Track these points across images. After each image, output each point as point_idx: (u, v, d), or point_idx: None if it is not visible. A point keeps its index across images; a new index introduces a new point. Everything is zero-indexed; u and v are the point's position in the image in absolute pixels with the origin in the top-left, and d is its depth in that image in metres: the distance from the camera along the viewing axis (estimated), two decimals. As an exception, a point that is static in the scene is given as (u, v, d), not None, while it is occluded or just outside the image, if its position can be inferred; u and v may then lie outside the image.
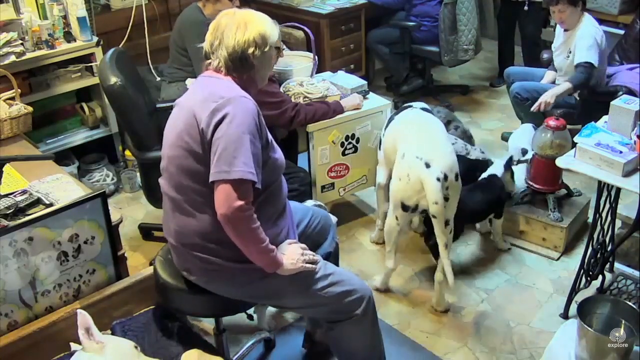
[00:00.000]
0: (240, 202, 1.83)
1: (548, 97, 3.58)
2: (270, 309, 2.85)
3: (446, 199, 2.68)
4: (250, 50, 1.96)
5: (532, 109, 3.65)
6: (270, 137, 2.02)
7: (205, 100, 1.91)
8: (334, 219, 2.73)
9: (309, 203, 2.61)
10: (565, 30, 3.75)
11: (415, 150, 2.71)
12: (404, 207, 2.74)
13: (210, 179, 1.86)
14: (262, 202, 1.98)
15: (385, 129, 3.06)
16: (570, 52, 3.73)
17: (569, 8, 3.62)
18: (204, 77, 2.04)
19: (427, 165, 2.65)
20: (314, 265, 2.05)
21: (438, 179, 2.62)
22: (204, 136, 1.88)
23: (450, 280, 2.70)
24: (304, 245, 2.08)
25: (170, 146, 1.99)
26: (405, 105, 3.10)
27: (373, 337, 2.23)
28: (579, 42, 3.64)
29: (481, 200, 3.14)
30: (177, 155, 1.95)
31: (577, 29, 3.68)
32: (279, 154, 2.07)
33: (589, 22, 3.68)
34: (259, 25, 1.99)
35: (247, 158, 1.84)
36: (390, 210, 2.82)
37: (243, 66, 1.98)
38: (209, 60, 2.01)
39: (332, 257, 2.41)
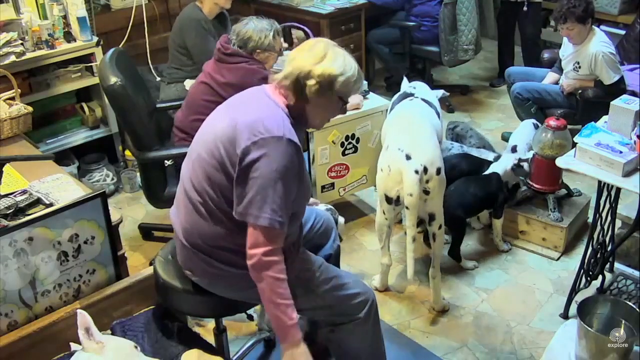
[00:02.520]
0: (266, 248, 1.82)
1: (567, 86, 3.71)
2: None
3: (427, 192, 2.68)
4: (333, 83, 1.89)
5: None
6: (305, 172, 1.98)
7: (252, 126, 1.84)
8: (341, 219, 2.74)
9: (322, 207, 2.62)
10: (574, 44, 3.74)
11: (398, 142, 2.73)
12: (388, 200, 2.75)
13: (238, 217, 1.85)
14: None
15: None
16: (579, 66, 3.72)
17: (578, 26, 3.60)
18: (263, 94, 1.96)
19: (408, 157, 2.66)
20: None
21: (416, 172, 2.63)
22: (239, 161, 1.83)
23: (409, 272, 2.76)
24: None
25: (205, 145, 1.93)
26: (408, 92, 3.07)
27: (374, 340, 2.22)
28: (598, 68, 3.61)
29: (471, 193, 3.13)
30: (208, 161, 1.91)
31: (587, 44, 3.65)
32: (306, 185, 2.00)
33: (599, 40, 3.64)
34: (332, 64, 1.90)
35: (277, 205, 1.81)
36: (378, 205, 2.84)
37: (322, 95, 1.91)
38: (280, 77, 1.93)
39: (333, 259, 2.40)
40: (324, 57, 1.89)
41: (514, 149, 3.48)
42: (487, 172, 3.27)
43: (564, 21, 3.61)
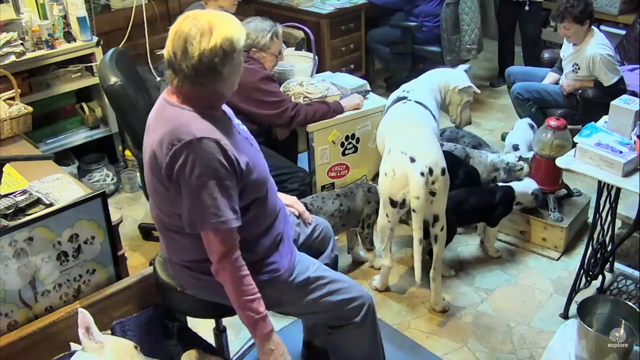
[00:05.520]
0: (219, 253, 1.81)
1: (567, 85, 3.71)
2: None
3: (433, 193, 2.68)
4: (217, 59, 1.76)
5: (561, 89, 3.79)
6: (246, 159, 1.85)
7: (164, 141, 1.78)
8: None
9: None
10: (574, 44, 3.74)
11: (401, 145, 2.72)
12: (392, 203, 2.74)
13: (188, 231, 1.82)
14: (252, 217, 1.93)
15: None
16: (578, 67, 3.72)
17: (575, 26, 3.60)
18: (165, 103, 1.87)
19: (412, 160, 2.65)
20: None
21: (422, 174, 2.62)
22: (167, 178, 1.79)
23: (417, 276, 2.75)
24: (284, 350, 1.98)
25: (146, 172, 1.91)
26: (401, 95, 3.02)
27: (372, 344, 2.22)
28: (597, 70, 3.61)
29: (468, 204, 3.10)
30: (151, 181, 1.89)
31: (585, 46, 3.65)
32: (257, 171, 1.91)
33: (596, 42, 3.64)
34: (226, 29, 1.77)
35: (215, 206, 1.76)
36: (381, 208, 2.83)
37: (210, 78, 1.80)
38: (171, 74, 1.83)
39: (331, 267, 2.40)
40: (211, 29, 1.75)
41: (515, 148, 3.48)
42: (501, 184, 3.24)
43: (561, 20, 3.62)
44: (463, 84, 3.08)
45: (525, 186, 3.22)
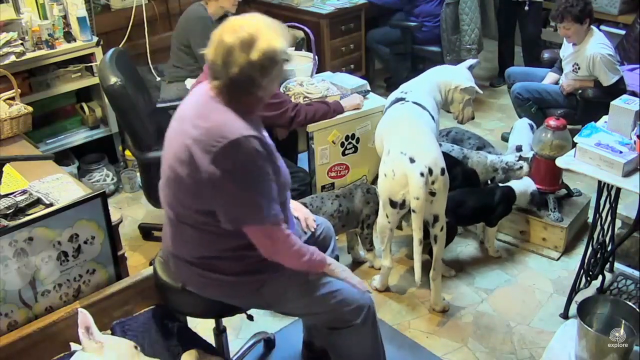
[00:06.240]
0: (270, 243, 1.89)
1: (567, 86, 3.70)
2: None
3: (433, 194, 2.68)
4: (257, 72, 1.77)
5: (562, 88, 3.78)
6: (279, 161, 1.92)
7: (205, 136, 1.77)
8: None
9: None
10: (574, 44, 3.74)
11: (400, 146, 2.71)
12: (392, 204, 2.74)
13: (232, 226, 1.84)
14: None
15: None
16: (578, 67, 3.72)
17: (574, 25, 3.60)
18: (208, 98, 1.85)
19: (412, 160, 2.65)
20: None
21: (422, 174, 2.63)
22: (209, 173, 1.77)
23: (416, 276, 2.75)
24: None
25: (168, 163, 1.90)
26: (399, 97, 3.01)
27: (373, 346, 2.21)
28: (597, 70, 3.61)
29: (467, 205, 3.09)
30: (173, 178, 1.89)
31: (585, 45, 3.65)
32: (284, 174, 1.96)
33: (596, 42, 3.63)
34: (267, 41, 1.76)
35: (265, 203, 1.83)
36: (381, 209, 2.83)
37: (249, 88, 1.81)
38: (212, 75, 1.83)
39: None
40: (252, 41, 1.75)
41: (518, 149, 3.48)
42: (501, 184, 3.23)
43: (560, 20, 3.62)
44: (466, 84, 3.07)
45: (525, 186, 3.22)
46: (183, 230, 1.96)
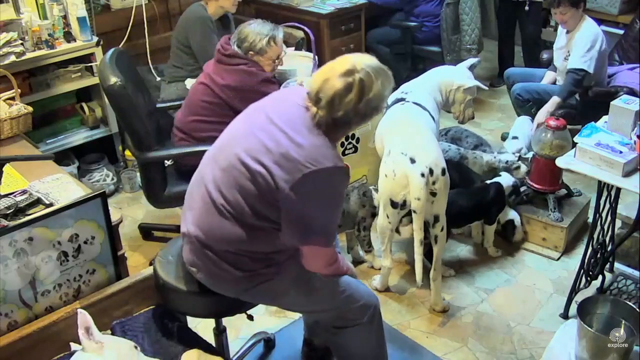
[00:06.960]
0: (323, 263, 1.99)
1: (542, 118, 3.54)
2: (271, 307, 2.85)
3: (434, 194, 2.68)
4: (357, 118, 1.87)
5: (531, 130, 3.63)
6: None
7: (296, 156, 1.79)
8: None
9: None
10: (567, 32, 3.75)
11: (400, 146, 2.72)
12: (393, 204, 2.74)
13: (284, 240, 1.90)
14: None
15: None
16: (569, 54, 3.73)
17: (571, 10, 3.62)
18: (304, 114, 1.87)
19: (412, 161, 2.65)
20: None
21: (423, 175, 2.63)
22: (291, 189, 1.79)
23: (418, 277, 2.76)
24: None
25: (235, 151, 1.89)
26: (399, 97, 3.01)
27: (377, 346, 2.22)
28: (575, 46, 3.64)
29: (464, 205, 3.09)
30: (243, 173, 1.86)
31: (577, 31, 3.68)
32: None
33: (587, 25, 3.67)
34: (377, 94, 1.83)
35: (331, 228, 1.94)
36: (381, 209, 2.83)
37: (346, 130, 1.94)
38: (312, 101, 1.86)
39: None
40: (363, 92, 1.81)
41: (514, 138, 3.48)
42: (489, 182, 3.23)
43: (557, 5, 3.63)
44: (469, 84, 3.07)
45: (508, 179, 3.25)
46: (218, 220, 1.91)
